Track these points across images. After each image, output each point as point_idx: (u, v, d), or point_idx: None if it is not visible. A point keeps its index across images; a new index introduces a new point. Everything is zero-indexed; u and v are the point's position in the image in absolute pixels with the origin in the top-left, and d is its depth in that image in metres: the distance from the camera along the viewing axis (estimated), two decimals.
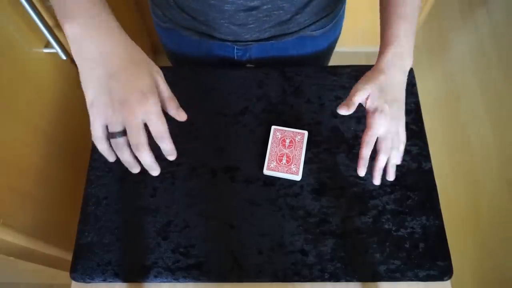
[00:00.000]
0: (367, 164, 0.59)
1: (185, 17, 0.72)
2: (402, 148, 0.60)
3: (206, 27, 0.72)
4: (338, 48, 0.92)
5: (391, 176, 0.62)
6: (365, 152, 0.58)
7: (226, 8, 0.65)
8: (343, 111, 0.57)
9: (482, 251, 1.43)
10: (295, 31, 0.74)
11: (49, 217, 0.87)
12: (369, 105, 0.57)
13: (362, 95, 0.57)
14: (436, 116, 1.66)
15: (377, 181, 0.61)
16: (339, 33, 0.86)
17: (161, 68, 0.78)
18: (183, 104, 0.75)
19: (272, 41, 0.75)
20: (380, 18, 0.62)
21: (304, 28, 0.74)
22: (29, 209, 0.79)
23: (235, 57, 0.82)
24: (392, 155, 0.59)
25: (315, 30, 0.76)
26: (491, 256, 1.42)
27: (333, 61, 0.93)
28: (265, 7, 0.65)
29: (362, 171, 0.59)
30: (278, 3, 0.65)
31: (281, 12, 0.68)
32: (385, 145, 0.58)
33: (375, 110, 0.57)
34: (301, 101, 0.74)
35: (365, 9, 1.49)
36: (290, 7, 0.67)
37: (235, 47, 0.78)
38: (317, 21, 0.75)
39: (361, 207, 0.65)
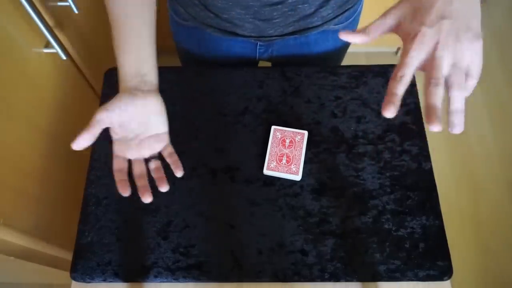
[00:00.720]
0: (396, 103, 0.40)
1: (209, 15, 0.72)
2: (470, 84, 0.42)
3: (230, 24, 0.72)
4: None
5: (454, 126, 0.40)
6: (393, 87, 0.40)
7: (251, 3, 0.65)
8: (344, 35, 0.44)
9: (482, 251, 1.43)
10: (319, 25, 0.74)
11: (50, 217, 0.87)
12: (402, 35, 0.43)
13: (380, 24, 0.44)
14: None
15: (433, 126, 0.39)
16: (356, 28, 0.86)
17: (163, 68, 0.78)
18: (184, 104, 0.75)
19: (295, 36, 0.75)
20: None
21: (327, 22, 0.74)
22: (30, 209, 0.79)
23: (257, 55, 0.82)
24: (451, 97, 0.41)
25: (337, 24, 0.77)
26: (491, 256, 1.42)
27: None
28: (290, 0, 0.65)
29: (387, 111, 0.40)
30: None
31: (305, 5, 0.68)
32: (436, 79, 0.40)
33: (408, 36, 0.42)
34: (301, 101, 0.74)
35: (365, 9, 1.49)
36: (314, 0, 0.67)
37: (258, 43, 0.79)
38: (340, 14, 0.75)
39: (361, 207, 0.65)
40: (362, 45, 0.46)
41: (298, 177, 0.66)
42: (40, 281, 0.95)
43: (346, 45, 0.87)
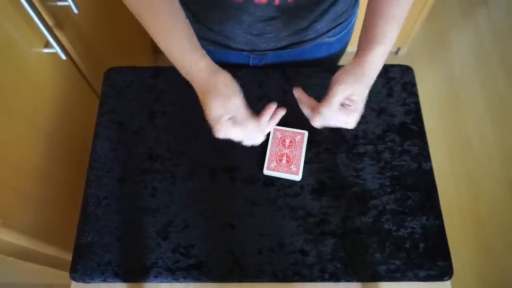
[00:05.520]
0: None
1: (201, 28, 0.71)
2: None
3: (222, 37, 0.71)
4: None
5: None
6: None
7: (244, 19, 0.65)
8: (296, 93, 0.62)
9: (482, 251, 1.43)
10: (312, 38, 0.73)
11: (50, 217, 0.87)
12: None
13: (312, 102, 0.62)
14: (436, 116, 1.66)
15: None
16: (351, 35, 0.86)
17: (163, 68, 0.78)
18: (184, 104, 0.75)
19: (288, 50, 0.74)
20: (368, 13, 0.60)
21: (321, 35, 0.73)
22: (30, 209, 0.79)
23: (250, 64, 0.81)
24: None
25: (331, 37, 0.76)
26: (491, 256, 1.42)
27: None
28: (283, 16, 0.65)
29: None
30: (296, 12, 0.64)
31: (299, 20, 0.67)
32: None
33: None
34: None
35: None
36: (308, 15, 0.66)
37: (251, 56, 0.77)
38: (334, 27, 0.74)
39: (361, 207, 0.65)
40: None
41: (298, 177, 0.66)
42: (40, 281, 0.95)
43: (341, 52, 0.86)
